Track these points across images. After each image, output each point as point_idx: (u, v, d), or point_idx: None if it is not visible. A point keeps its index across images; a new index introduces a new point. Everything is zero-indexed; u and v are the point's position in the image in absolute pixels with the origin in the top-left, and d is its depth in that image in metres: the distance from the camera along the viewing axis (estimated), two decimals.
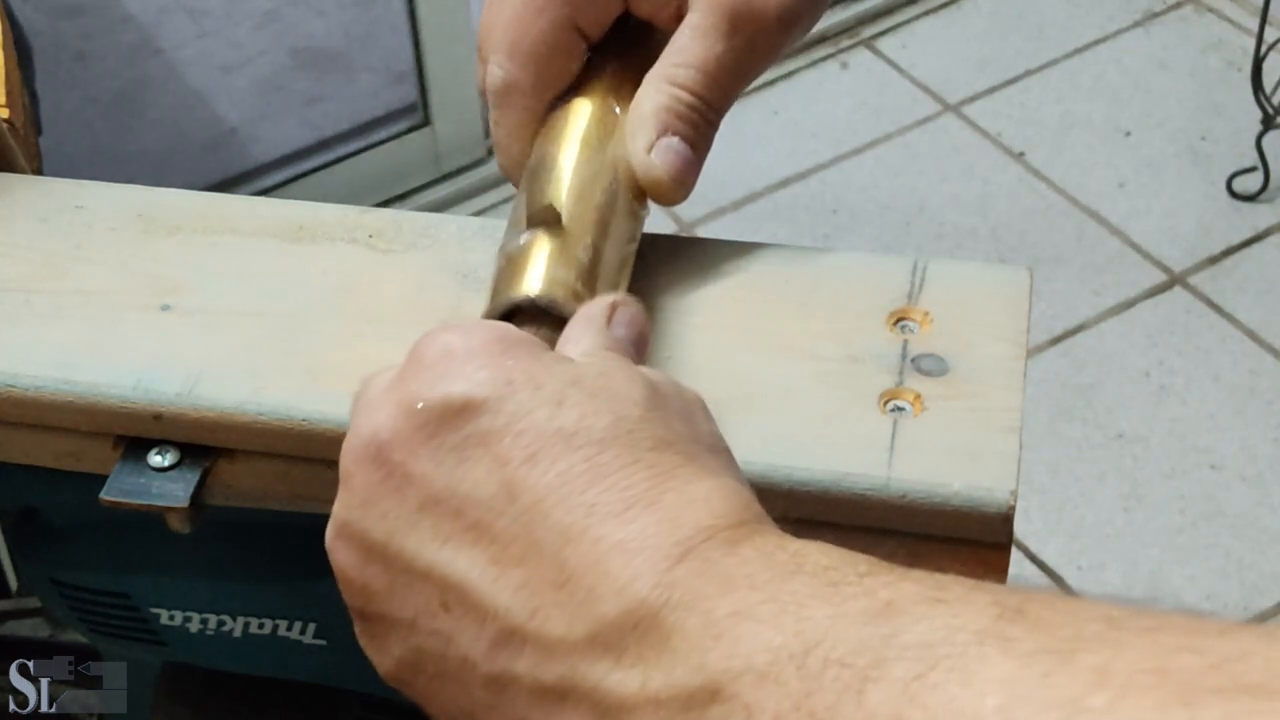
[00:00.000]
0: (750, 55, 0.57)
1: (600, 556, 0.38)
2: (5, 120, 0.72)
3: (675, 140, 0.56)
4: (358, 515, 0.43)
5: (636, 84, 0.58)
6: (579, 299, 0.51)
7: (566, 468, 0.40)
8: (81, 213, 0.64)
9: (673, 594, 0.37)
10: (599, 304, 0.49)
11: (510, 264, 0.53)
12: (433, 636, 0.41)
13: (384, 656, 0.44)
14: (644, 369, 0.45)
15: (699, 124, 0.57)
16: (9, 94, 0.74)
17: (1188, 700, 0.30)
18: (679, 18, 0.57)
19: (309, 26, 2.25)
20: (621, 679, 0.37)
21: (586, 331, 0.48)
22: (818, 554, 0.38)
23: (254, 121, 2.15)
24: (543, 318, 0.52)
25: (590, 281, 0.53)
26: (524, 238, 0.54)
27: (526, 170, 0.57)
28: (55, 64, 2.10)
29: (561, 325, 0.50)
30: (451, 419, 0.42)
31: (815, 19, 0.59)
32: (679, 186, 0.57)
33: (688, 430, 0.43)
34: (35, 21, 1.72)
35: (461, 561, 0.41)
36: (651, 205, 0.58)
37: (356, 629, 0.45)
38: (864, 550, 0.52)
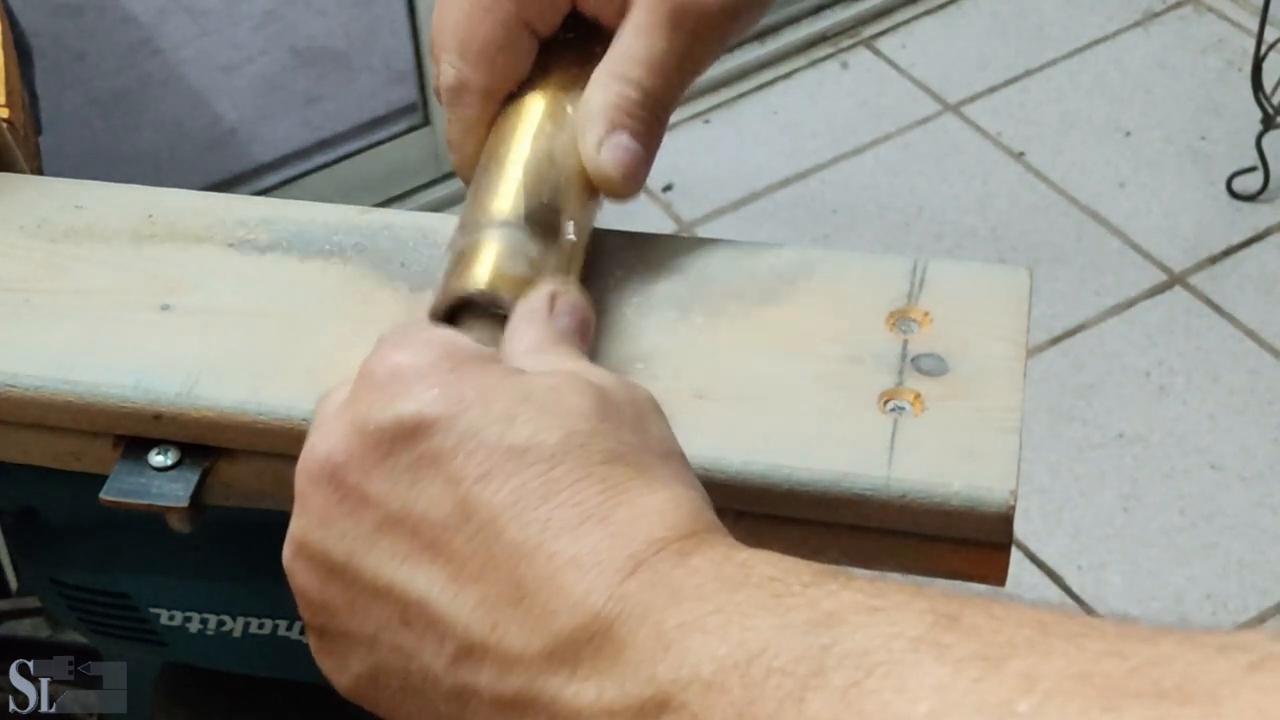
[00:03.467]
0: (694, 49, 0.57)
1: (555, 572, 0.39)
2: (5, 120, 0.72)
3: (624, 137, 0.56)
4: (316, 536, 0.44)
5: (586, 80, 0.58)
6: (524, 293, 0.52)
7: (519, 484, 0.41)
8: (81, 213, 0.64)
9: (625, 607, 0.38)
10: (539, 295, 0.50)
11: (459, 260, 0.54)
12: (394, 652, 0.42)
13: (343, 673, 0.45)
14: (594, 374, 0.45)
15: (647, 119, 0.57)
16: (9, 94, 0.74)
17: (1108, 705, 0.31)
18: (623, 14, 0.57)
19: (309, 26, 2.25)
20: (577, 691, 0.38)
21: (531, 324, 0.48)
22: (764, 564, 0.39)
23: (254, 121, 2.15)
24: (487, 314, 0.52)
25: (539, 277, 0.53)
26: (473, 234, 0.54)
27: (478, 168, 0.58)
28: (55, 64, 2.10)
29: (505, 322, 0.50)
30: (404, 439, 0.42)
31: (761, 14, 0.59)
32: (629, 182, 0.57)
33: (638, 439, 0.43)
34: (35, 21, 1.72)
35: (420, 579, 0.41)
36: (650, 204, 0.58)
37: (314, 647, 0.46)
38: (867, 550, 0.52)
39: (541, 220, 0.55)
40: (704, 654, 0.36)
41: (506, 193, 0.55)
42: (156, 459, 0.56)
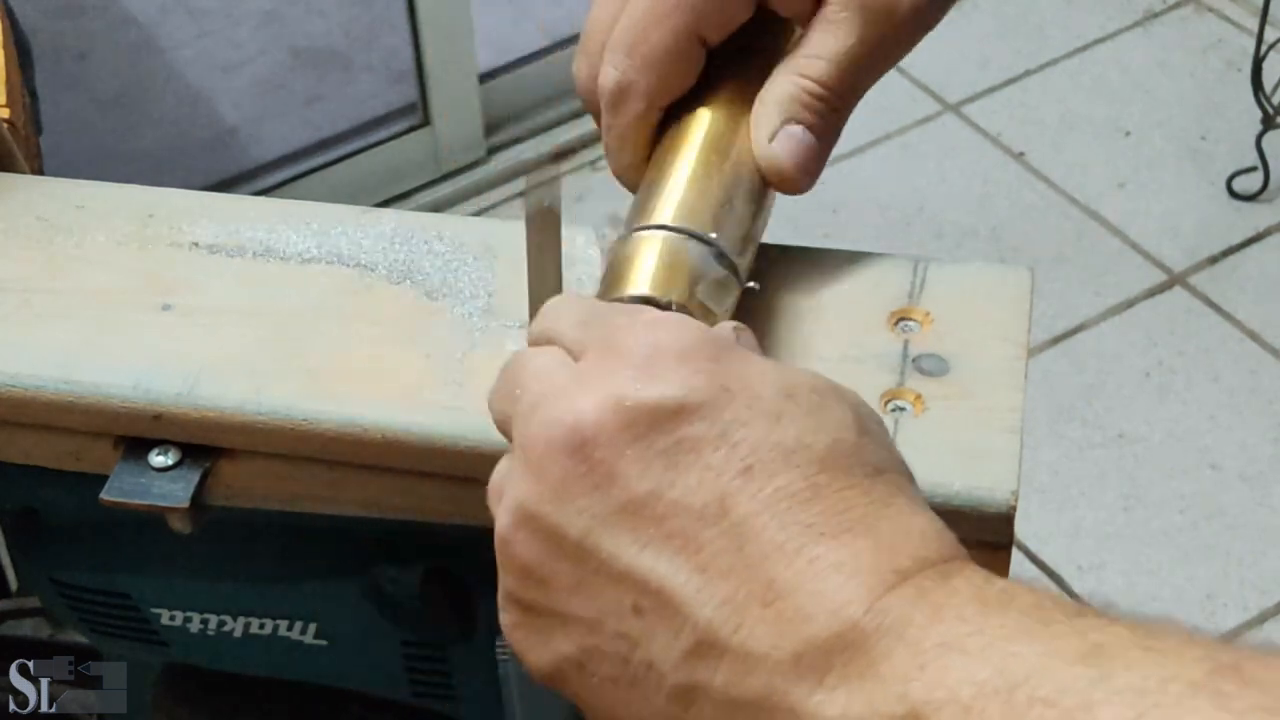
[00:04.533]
0: (882, 49, 0.57)
1: (814, 576, 0.38)
2: (5, 120, 0.72)
3: (799, 129, 0.55)
4: (550, 508, 0.42)
5: (759, 83, 0.56)
6: (690, 305, 0.51)
7: (784, 484, 0.40)
8: (81, 213, 0.64)
9: (884, 620, 0.37)
10: (725, 330, 0.48)
11: (621, 264, 0.53)
12: (617, 639, 0.41)
13: (543, 652, 0.43)
14: (843, 387, 0.44)
15: (825, 113, 0.55)
16: (9, 94, 0.74)
17: None
18: (814, 12, 0.56)
19: (309, 26, 2.25)
20: (822, 701, 0.37)
21: None
22: (1026, 593, 0.38)
23: (254, 121, 2.14)
24: None
25: (708, 284, 0.52)
26: (641, 237, 0.53)
27: (649, 170, 0.56)
28: (55, 64, 2.10)
29: None
30: (663, 422, 0.41)
31: (945, 12, 0.58)
32: (803, 174, 0.55)
33: (893, 458, 0.42)
34: (35, 21, 1.72)
35: (663, 568, 0.40)
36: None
37: (510, 620, 0.44)
38: None
39: (708, 226, 0.53)
40: (963, 676, 0.35)
41: (673, 199, 0.54)
42: (157, 459, 0.56)
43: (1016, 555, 1.47)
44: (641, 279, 0.51)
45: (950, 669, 0.35)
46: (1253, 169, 1.99)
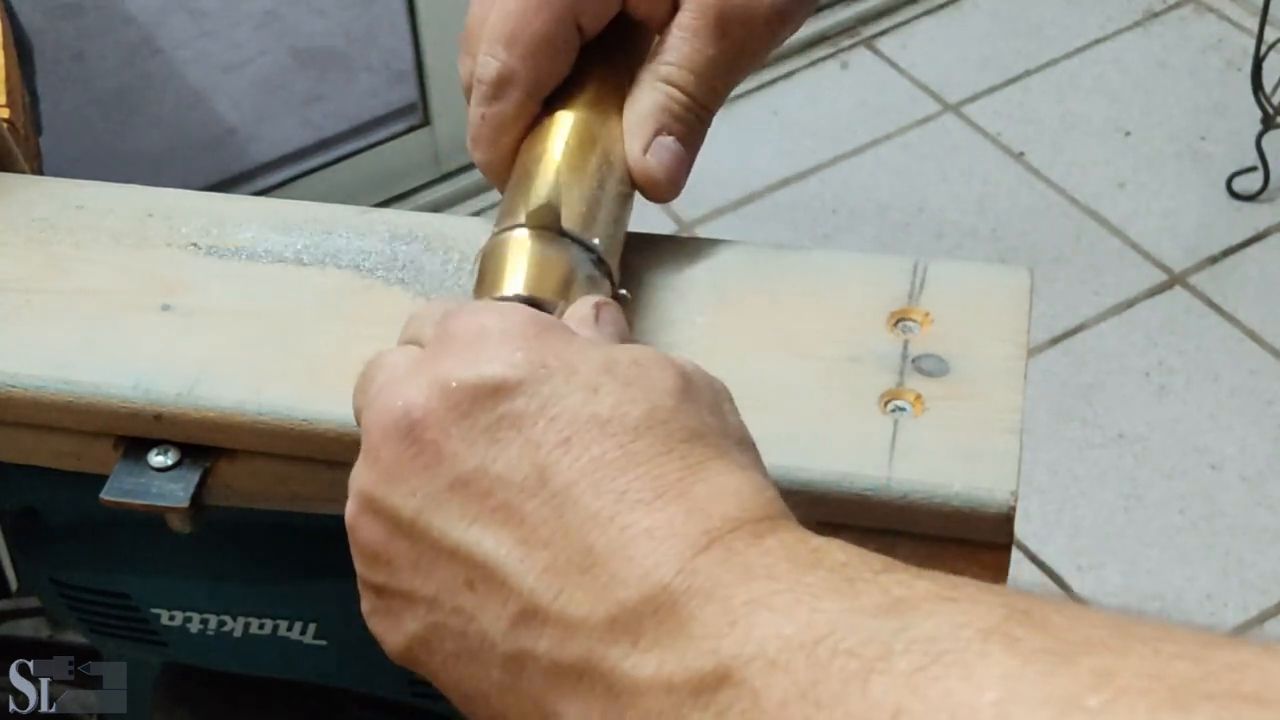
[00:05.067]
0: (740, 55, 0.58)
1: (627, 542, 0.39)
2: (5, 120, 0.72)
3: (670, 140, 0.57)
4: (385, 491, 0.43)
5: (626, 81, 0.58)
6: (565, 302, 0.52)
7: (600, 453, 0.41)
8: (81, 213, 0.64)
9: (694, 581, 0.38)
10: (585, 305, 0.50)
11: (496, 260, 0.53)
12: (454, 614, 0.42)
13: (397, 634, 0.44)
14: (675, 357, 0.45)
15: (692, 123, 0.58)
16: (9, 94, 0.74)
17: (1181, 704, 0.30)
18: (670, 16, 0.58)
19: (309, 26, 2.25)
20: (637, 662, 0.38)
21: (581, 331, 0.48)
22: (837, 551, 0.39)
23: (254, 121, 2.14)
24: None
25: (576, 278, 0.53)
26: (511, 234, 0.54)
27: (517, 168, 0.57)
28: (55, 64, 2.10)
29: None
30: (485, 399, 0.42)
31: (805, 17, 0.59)
32: (672, 185, 0.58)
33: (718, 423, 0.44)
34: (35, 21, 1.72)
35: (489, 541, 0.41)
36: (650, 205, 0.59)
37: (367, 606, 0.45)
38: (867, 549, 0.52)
39: (579, 223, 0.54)
40: (770, 632, 0.36)
41: (546, 195, 0.55)
42: (157, 459, 0.56)
43: (1016, 555, 1.47)
44: (514, 279, 0.52)
45: (758, 625, 0.36)
46: (1253, 169, 1.99)
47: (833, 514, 0.51)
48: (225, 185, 2.02)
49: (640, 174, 0.57)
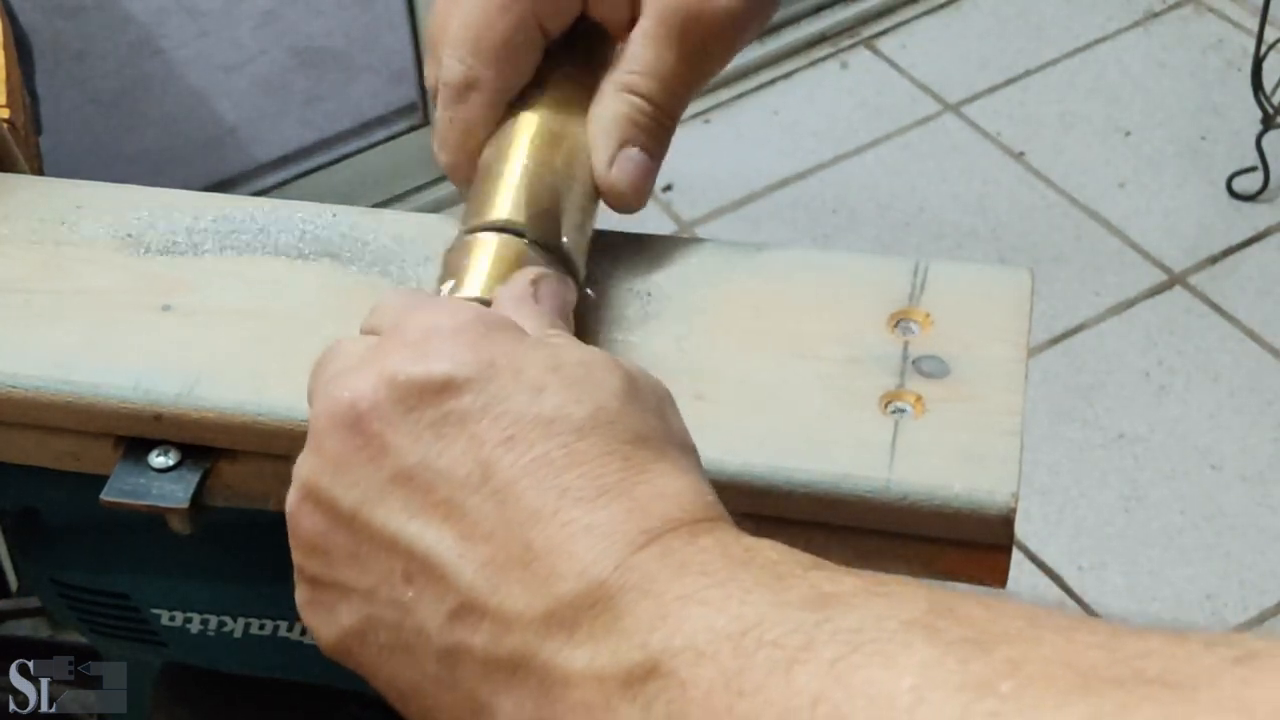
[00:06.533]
0: (702, 61, 0.58)
1: (567, 538, 0.40)
2: (5, 120, 0.72)
3: (635, 151, 0.57)
4: (327, 481, 0.44)
5: (591, 85, 0.58)
6: None
7: (542, 452, 0.41)
8: (82, 213, 0.64)
9: (630, 578, 0.39)
10: (521, 282, 0.50)
11: (459, 263, 0.54)
12: (390, 606, 0.42)
13: (329, 625, 0.45)
14: (620, 358, 0.46)
15: (656, 132, 0.58)
16: (9, 94, 0.74)
17: (1088, 688, 0.31)
18: (632, 21, 0.58)
19: (309, 26, 2.25)
20: (570, 655, 0.38)
21: (519, 311, 0.49)
22: (769, 550, 0.39)
23: (254, 121, 2.14)
24: None
25: None
26: (474, 238, 0.54)
27: (481, 169, 0.57)
28: (55, 64, 2.10)
29: None
30: (432, 395, 0.43)
31: (767, 20, 0.60)
32: (638, 195, 0.57)
33: (661, 426, 0.44)
34: (35, 21, 1.72)
35: (430, 535, 0.41)
36: (651, 205, 0.59)
37: (302, 597, 0.46)
38: (868, 552, 0.52)
39: (543, 225, 0.54)
40: (700, 625, 0.37)
41: (509, 196, 0.55)
42: (157, 460, 0.56)
43: (1016, 555, 1.47)
44: (474, 280, 0.52)
45: (689, 619, 0.37)
46: (1253, 169, 1.99)
47: (833, 515, 0.51)
48: (225, 185, 2.02)
49: (606, 187, 0.57)
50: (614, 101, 0.57)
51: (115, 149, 2.09)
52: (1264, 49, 1.91)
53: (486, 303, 0.52)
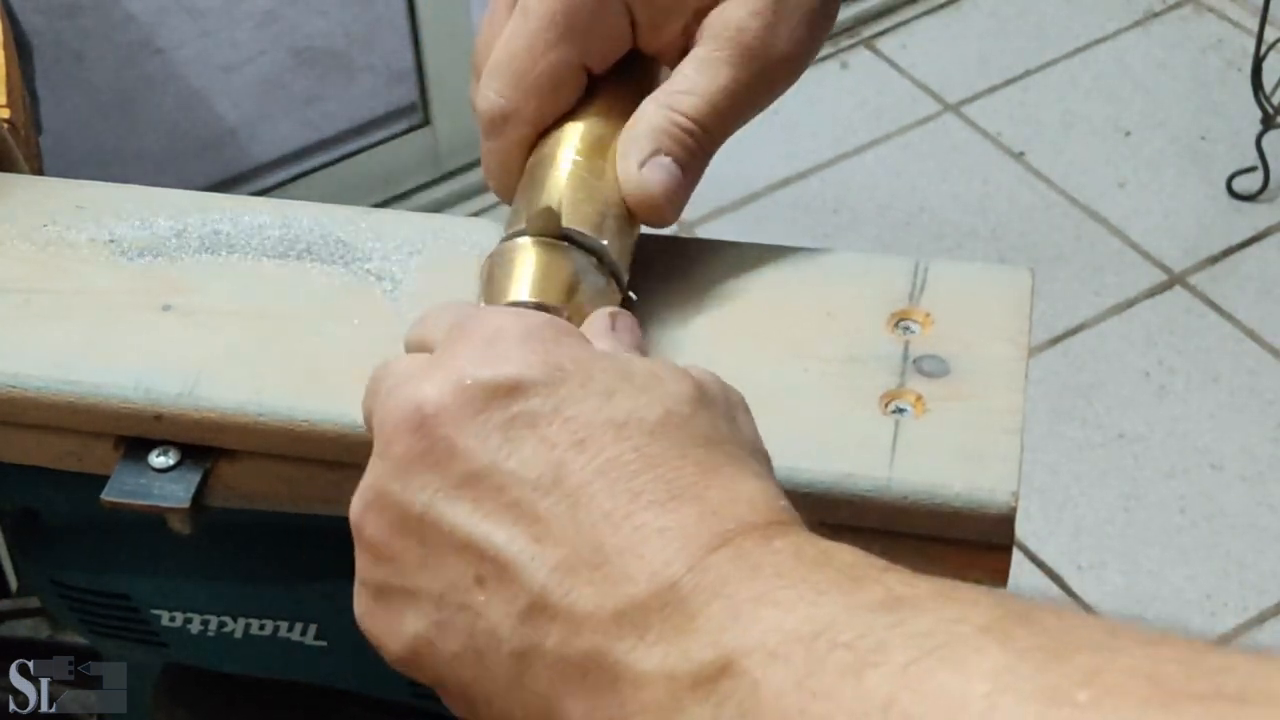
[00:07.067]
0: (754, 91, 0.57)
1: (639, 541, 0.39)
2: (5, 120, 0.72)
3: (667, 159, 0.56)
4: (397, 486, 0.43)
5: (638, 94, 0.57)
6: (568, 309, 0.52)
7: (615, 455, 0.41)
8: (82, 213, 0.64)
9: (703, 578, 0.38)
10: (600, 316, 0.50)
11: (501, 270, 0.54)
12: (461, 611, 0.42)
13: (398, 635, 0.44)
14: (690, 368, 0.46)
15: (693, 148, 0.56)
16: (9, 94, 0.74)
17: (1167, 703, 0.31)
18: (685, 55, 0.57)
19: (309, 26, 2.25)
20: (642, 655, 0.38)
21: (597, 340, 0.48)
22: (844, 553, 0.39)
23: (254, 121, 2.14)
24: None
25: (582, 290, 0.53)
26: (518, 243, 0.54)
27: (526, 175, 0.57)
28: (55, 64, 2.10)
29: None
30: (500, 398, 0.42)
31: (815, 56, 0.59)
32: (668, 205, 0.56)
33: (732, 431, 0.44)
34: (35, 21, 1.72)
35: (501, 536, 0.41)
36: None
37: (364, 608, 0.45)
38: (867, 550, 0.52)
39: (586, 230, 0.54)
40: (772, 625, 0.36)
41: (550, 200, 0.54)
42: (157, 460, 0.56)
43: (1016, 555, 1.47)
44: (521, 285, 0.52)
45: (761, 620, 0.37)
46: (1253, 169, 1.99)
47: (833, 515, 0.51)
48: (225, 185, 2.02)
49: (635, 189, 0.56)
50: (654, 113, 0.56)
51: (115, 149, 2.09)
52: (1264, 49, 1.91)
53: (533, 306, 0.51)
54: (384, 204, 2.00)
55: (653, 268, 0.59)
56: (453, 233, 0.62)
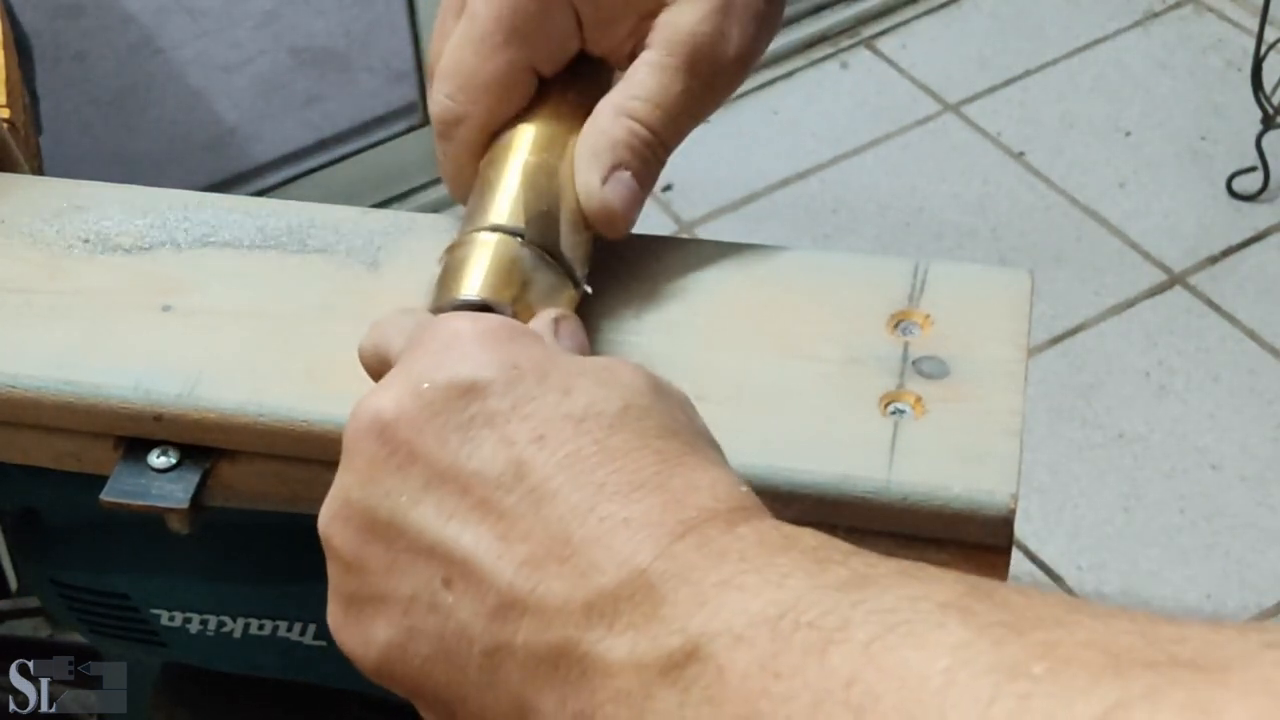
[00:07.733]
0: (706, 95, 0.58)
1: (605, 532, 0.40)
2: (5, 120, 0.72)
3: (627, 175, 0.56)
4: (360, 494, 0.44)
5: (589, 103, 0.57)
6: (519, 306, 0.52)
7: (575, 449, 0.41)
8: (81, 213, 0.64)
9: (669, 566, 0.39)
10: (544, 320, 0.51)
11: (452, 267, 0.54)
12: (431, 613, 0.42)
13: (369, 646, 0.44)
14: (639, 365, 0.46)
15: (650, 160, 0.57)
16: (9, 94, 0.74)
17: (1120, 671, 0.31)
18: (634, 56, 0.57)
19: (309, 26, 2.25)
20: (611, 645, 0.38)
21: None
22: (809, 537, 0.40)
23: (254, 121, 2.14)
24: None
25: (534, 288, 0.53)
26: (468, 243, 0.54)
27: (480, 173, 0.57)
28: (55, 64, 2.10)
29: None
30: (457, 399, 0.43)
31: (763, 54, 0.59)
32: (625, 220, 0.57)
33: (689, 422, 0.45)
34: (35, 21, 1.72)
35: (467, 537, 0.41)
36: (651, 205, 0.58)
37: (337, 619, 0.45)
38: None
39: (540, 228, 0.54)
40: (738, 609, 0.37)
41: (506, 201, 0.55)
42: (157, 460, 0.56)
43: (1016, 555, 1.47)
44: (472, 282, 0.53)
45: (727, 604, 0.37)
46: (1253, 169, 1.99)
47: (832, 516, 0.51)
48: (225, 185, 2.02)
49: (596, 207, 0.56)
50: (611, 124, 0.56)
51: (115, 149, 2.09)
52: (1264, 49, 1.91)
53: (480, 305, 0.52)
54: (384, 204, 2.00)
55: (652, 269, 0.59)
56: (452, 233, 0.62)
